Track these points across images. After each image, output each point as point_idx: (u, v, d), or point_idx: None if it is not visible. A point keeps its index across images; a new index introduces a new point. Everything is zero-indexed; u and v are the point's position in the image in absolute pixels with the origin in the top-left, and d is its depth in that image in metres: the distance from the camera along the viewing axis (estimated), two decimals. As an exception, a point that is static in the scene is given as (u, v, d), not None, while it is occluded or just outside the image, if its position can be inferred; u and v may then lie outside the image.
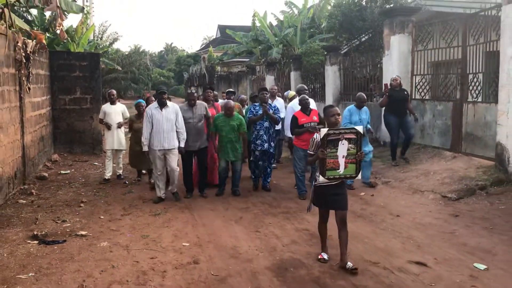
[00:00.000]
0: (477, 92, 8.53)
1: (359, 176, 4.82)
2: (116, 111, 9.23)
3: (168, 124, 7.25)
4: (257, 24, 23.26)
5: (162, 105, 7.27)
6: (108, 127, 9.09)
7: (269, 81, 18.86)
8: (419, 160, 8.93)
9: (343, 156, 4.55)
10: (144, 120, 7.40)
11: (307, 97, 7.70)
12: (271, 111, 8.03)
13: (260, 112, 7.97)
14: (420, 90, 9.99)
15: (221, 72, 36.45)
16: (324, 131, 4.52)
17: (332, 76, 13.64)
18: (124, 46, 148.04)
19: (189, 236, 5.77)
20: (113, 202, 7.48)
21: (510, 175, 7.09)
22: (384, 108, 9.36)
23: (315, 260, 4.88)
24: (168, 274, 4.57)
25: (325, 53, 14.48)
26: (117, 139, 9.17)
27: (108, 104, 9.32)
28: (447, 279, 4.36)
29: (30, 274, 4.53)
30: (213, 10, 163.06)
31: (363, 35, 15.05)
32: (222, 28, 49.34)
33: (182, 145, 7.40)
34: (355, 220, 6.27)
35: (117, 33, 48.38)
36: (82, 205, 7.27)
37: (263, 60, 22.18)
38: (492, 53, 7.98)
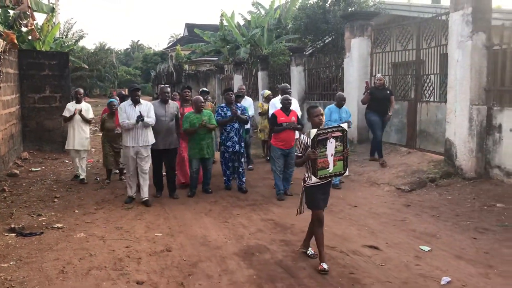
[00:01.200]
0: (429, 92, 9.18)
1: (347, 172, 4.92)
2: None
3: None
4: (225, 23, 23.54)
5: (136, 102, 7.27)
6: (73, 113, 8.85)
7: (237, 80, 19.25)
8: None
9: (332, 154, 4.63)
10: (119, 113, 7.32)
11: (290, 97, 7.73)
12: (239, 112, 8.13)
13: (229, 113, 8.06)
14: (379, 90, 10.55)
15: (189, 70, 36.59)
16: (313, 132, 4.56)
17: (297, 76, 14.18)
18: (89, 43, 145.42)
19: (161, 227, 6.12)
20: (86, 197, 7.74)
21: (457, 168, 7.75)
22: (366, 106, 9.42)
23: (279, 245, 5.34)
24: (143, 260, 4.92)
25: (291, 54, 14.98)
26: (78, 138, 8.95)
27: (73, 102, 9.18)
28: (396, 259, 4.89)
29: (11, 263, 4.80)
30: (180, 8, 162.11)
31: (327, 37, 15.63)
32: (189, 27, 49.32)
33: (151, 122, 7.26)
34: (316, 210, 6.73)
35: (82, 31, 47.93)
36: (55, 200, 7.50)
37: (231, 59, 22.50)
38: (445, 55, 8.57)
